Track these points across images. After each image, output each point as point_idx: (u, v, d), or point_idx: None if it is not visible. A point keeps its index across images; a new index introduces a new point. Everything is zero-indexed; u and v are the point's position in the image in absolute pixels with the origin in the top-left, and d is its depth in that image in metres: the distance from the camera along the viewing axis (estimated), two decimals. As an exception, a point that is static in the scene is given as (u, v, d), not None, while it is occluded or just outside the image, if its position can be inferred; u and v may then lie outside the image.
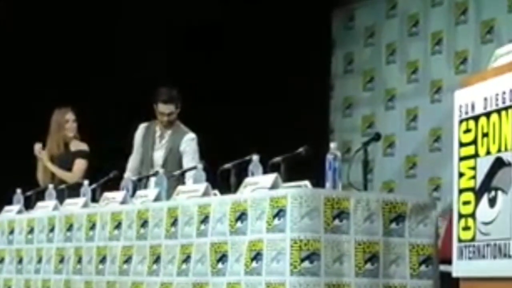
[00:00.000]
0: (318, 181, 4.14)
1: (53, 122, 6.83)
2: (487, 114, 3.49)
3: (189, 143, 6.20)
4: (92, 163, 6.74)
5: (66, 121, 6.79)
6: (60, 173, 6.70)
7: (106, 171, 5.82)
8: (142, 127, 6.47)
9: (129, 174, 6.16)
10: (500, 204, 3.39)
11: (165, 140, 6.31)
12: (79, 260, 5.15)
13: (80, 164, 6.72)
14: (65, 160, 6.75)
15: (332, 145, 4.11)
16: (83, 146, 6.82)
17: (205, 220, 4.34)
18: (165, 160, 6.23)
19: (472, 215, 3.54)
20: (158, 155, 6.30)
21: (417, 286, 4.08)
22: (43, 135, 6.92)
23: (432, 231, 4.15)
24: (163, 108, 6.21)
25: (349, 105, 8.72)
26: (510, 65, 3.46)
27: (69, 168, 6.73)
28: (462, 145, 3.63)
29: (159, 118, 6.27)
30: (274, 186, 4.10)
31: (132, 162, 6.42)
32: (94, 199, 5.42)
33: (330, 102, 8.85)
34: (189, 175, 5.42)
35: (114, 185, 5.51)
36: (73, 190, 5.85)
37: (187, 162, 6.05)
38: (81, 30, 7.91)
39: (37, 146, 6.79)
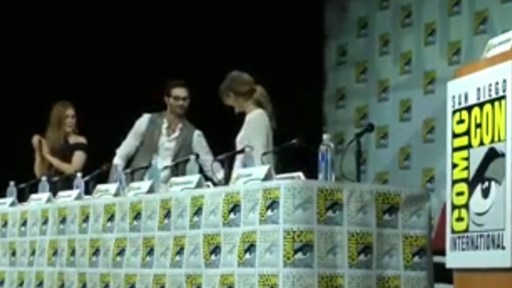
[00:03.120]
0: (311, 173, 4.13)
1: (53, 116, 6.88)
2: (480, 105, 3.49)
3: (200, 139, 6.32)
4: (89, 156, 6.74)
5: (66, 116, 6.83)
6: (59, 164, 6.73)
7: (101, 164, 5.83)
8: (147, 116, 6.44)
9: (118, 160, 6.16)
10: (494, 195, 3.40)
11: (177, 134, 6.32)
12: (73, 253, 5.14)
13: (79, 156, 6.76)
14: (64, 153, 6.79)
15: (325, 136, 4.10)
16: (82, 139, 6.85)
17: (198, 211, 4.33)
18: (176, 154, 6.23)
19: (466, 206, 3.55)
20: (167, 147, 6.28)
21: (411, 277, 4.07)
22: (38, 128, 6.92)
23: (426, 222, 4.14)
24: (179, 91, 6.24)
25: (342, 96, 8.72)
26: (503, 55, 3.46)
27: (68, 161, 6.75)
28: (455, 135, 3.63)
29: (173, 106, 6.26)
30: (267, 178, 4.08)
31: (126, 147, 6.38)
32: (88, 191, 5.42)
33: (323, 94, 8.84)
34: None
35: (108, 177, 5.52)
36: (67, 183, 5.85)
37: (204, 156, 6.04)
38: (78, 25, 7.88)
39: (36, 138, 6.80)
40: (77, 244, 5.12)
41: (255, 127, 5.54)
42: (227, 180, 4.55)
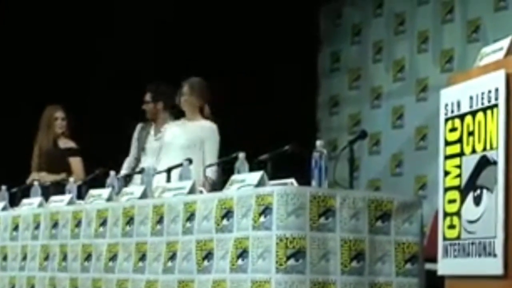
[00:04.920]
0: (304, 179, 4.13)
1: (43, 118, 6.88)
2: (473, 113, 3.50)
3: None
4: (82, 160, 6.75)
5: (55, 118, 6.82)
6: (55, 178, 6.64)
7: (95, 168, 5.83)
8: (138, 126, 6.58)
9: (124, 172, 6.23)
10: (485, 203, 3.41)
11: (162, 134, 6.34)
12: (64, 258, 5.13)
13: (76, 163, 6.73)
14: (53, 156, 6.76)
15: (318, 143, 4.11)
16: (72, 144, 6.83)
17: (191, 217, 4.33)
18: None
19: (457, 214, 3.56)
20: (153, 146, 6.33)
21: (403, 284, 4.07)
22: (31, 132, 6.91)
23: (418, 229, 4.15)
24: (145, 96, 6.33)
25: (335, 103, 8.72)
26: (496, 64, 3.48)
27: (58, 165, 6.69)
28: (447, 143, 3.64)
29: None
30: (260, 184, 4.09)
31: (127, 162, 6.49)
32: (80, 196, 5.41)
33: (317, 100, 8.84)
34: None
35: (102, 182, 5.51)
36: (59, 187, 5.83)
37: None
38: (71, 28, 7.88)
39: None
40: (69, 249, 5.11)
41: (216, 140, 5.84)
42: (221, 186, 4.54)
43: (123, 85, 7.40)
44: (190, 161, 4.84)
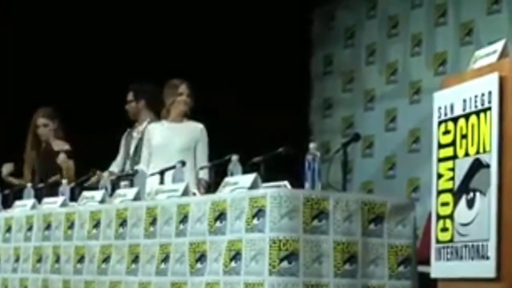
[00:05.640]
0: (298, 182, 4.13)
1: (31, 122, 6.83)
2: (466, 116, 3.51)
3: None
4: (75, 162, 6.71)
5: (36, 126, 6.79)
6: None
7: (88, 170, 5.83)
8: (127, 131, 6.53)
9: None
10: (478, 206, 3.41)
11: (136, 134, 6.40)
12: (57, 260, 5.12)
13: (67, 164, 6.68)
14: (45, 159, 6.72)
15: (312, 145, 4.11)
16: (65, 146, 6.79)
17: (184, 219, 4.32)
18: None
19: (450, 216, 3.56)
20: (132, 149, 6.33)
21: (396, 286, 4.08)
22: (20, 136, 6.89)
23: (411, 232, 4.15)
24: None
25: (328, 106, 8.71)
26: (489, 67, 3.48)
27: (50, 167, 6.68)
28: (441, 146, 3.64)
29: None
30: (253, 186, 4.09)
31: (114, 166, 6.45)
32: (73, 198, 5.39)
33: (310, 103, 8.84)
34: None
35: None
36: (52, 189, 5.81)
37: None
38: (64, 29, 7.86)
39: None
40: (62, 251, 5.10)
41: (206, 141, 5.94)
42: (214, 188, 4.54)
43: (115, 87, 7.37)
44: (183, 163, 4.84)
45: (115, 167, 6.45)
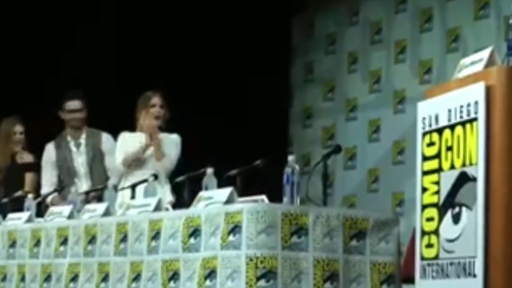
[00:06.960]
0: (276, 196, 4.08)
1: (1, 132, 6.66)
2: (451, 127, 3.48)
3: (110, 141, 6.24)
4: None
5: (14, 133, 6.67)
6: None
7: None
8: (49, 145, 6.39)
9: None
10: (465, 221, 3.38)
11: (83, 145, 6.29)
12: (23, 278, 5.07)
13: (30, 179, 6.54)
14: (11, 172, 6.60)
15: (290, 157, 4.08)
16: (30, 158, 6.68)
17: (156, 236, 4.27)
18: (90, 166, 6.21)
19: (436, 232, 3.53)
20: (79, 163, 6.23)
21: (379, 306, 4.07)
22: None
23: (394, 249, 4.11)
24: (73, 105, 6.25)
25: (309, 115, 8.66)
26: (475, 76, 3.46)
27: (16, 181, 6.51)
28: (425, 158, 3.62)
29: (69, 120, 6.29)
30: (229, 201, 4.04)
31: (48, 181, 6.27)
32: (39, 213, 5.33)
33: (289, 112, 8.76)
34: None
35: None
36: (17, 204, 5.68)
37: (110, 161, 6.06)
38: (31, 37, 7.77)
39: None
40: (28, 270, 5.05)
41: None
42: (188, 203, 4.41)
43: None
44: (155, 176, 4.76)
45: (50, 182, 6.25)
